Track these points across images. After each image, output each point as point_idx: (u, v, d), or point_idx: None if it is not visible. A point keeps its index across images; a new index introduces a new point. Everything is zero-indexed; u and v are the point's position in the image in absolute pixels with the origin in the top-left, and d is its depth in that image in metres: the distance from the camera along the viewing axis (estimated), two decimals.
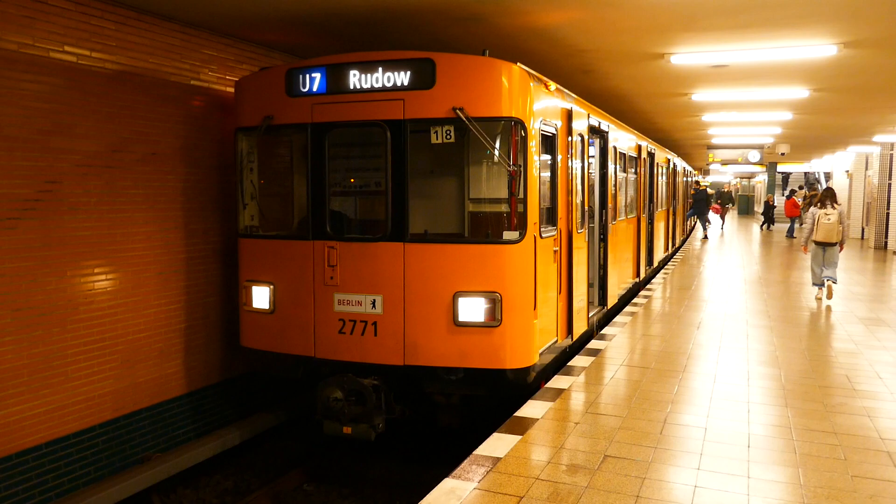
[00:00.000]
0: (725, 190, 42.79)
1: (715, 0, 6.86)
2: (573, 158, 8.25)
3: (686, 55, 9.34)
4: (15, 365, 6.07)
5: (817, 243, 12.83)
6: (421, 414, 7.69)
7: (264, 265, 7.41)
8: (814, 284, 13.21)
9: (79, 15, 6.57)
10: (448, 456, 8.06)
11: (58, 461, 6.49)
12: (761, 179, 46.35)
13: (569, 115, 8.09)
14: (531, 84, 6.78)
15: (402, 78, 6.72)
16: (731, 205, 53.91)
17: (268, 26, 8.03)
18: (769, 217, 33.94)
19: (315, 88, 7.04)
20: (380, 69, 6.78)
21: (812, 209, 13.09)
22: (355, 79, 6.87)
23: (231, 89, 8.43)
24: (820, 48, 8.77)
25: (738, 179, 60.79)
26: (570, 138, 8.11)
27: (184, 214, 7.91)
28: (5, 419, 6.02)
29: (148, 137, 7.43)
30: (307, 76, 7.06)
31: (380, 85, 6.80)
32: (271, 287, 7.32)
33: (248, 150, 7.66)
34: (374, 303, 6.88)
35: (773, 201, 35.12)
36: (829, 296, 12.66)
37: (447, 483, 4.82)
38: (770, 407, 6.65)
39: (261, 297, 7.39)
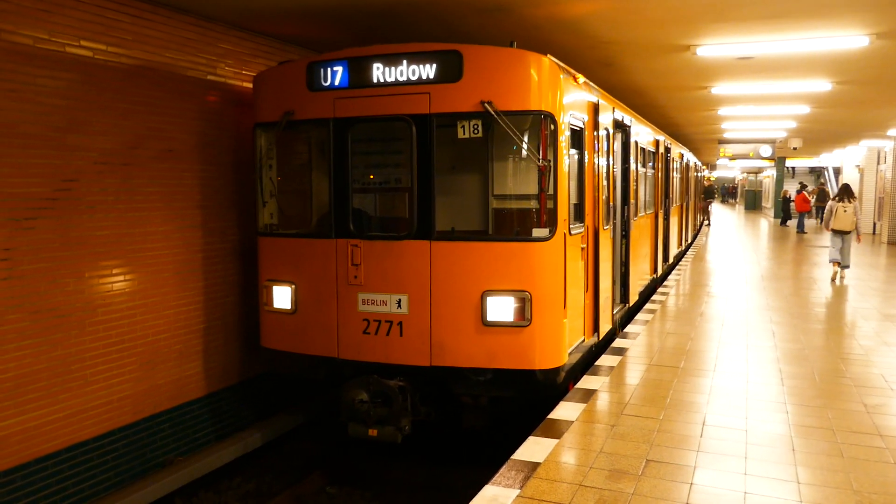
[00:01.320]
0: (706, 184, 42.32)
1: None
2: (599, 153, 8.07)
3: (712, 47, 9.13)
4: (35, 369, 5.91)
5: (835, 231, 14.73)
6: (446, 415, 7.52)
7: (285, 264, 7.23)
8: (830, 260, 14.88)
9: (94, 8, 6.39)
10: (473, 457, 7.90)
11: (78, 466, 6.32)
12: (769, 174, 45.99)
13: (595, 109, 7.90)
14: (561, 77, 6.59)
15: (428, 71, 6.53)
16: (711, 200, 53.77)
17: (285, 19, 7.84)
18: (787, 212, 33.36)
19: (337, 82, 6.85)
20: (404, 62, 6.59)
21: (830, 202, 15.16)
22: (379, 72, 6.68)
23: (248, 84, 8.25)
24: (850, 39, 8.56)
25: (745, 174, 60.45)
26: (596, 133, 7.92)
27: (201, 213, 7.73)
28: (25, 424, 5.85)
29: (164, 134, 7.25)
30: (329, 70, 6.87)
31: (404, 78, 6.61)
32: (293, 287, 7.14)
33: (268, 146, 7.47)
34: (399, 302, 6.70)
35: (790, 194, 34.54)
36: (842, 279, 14.69)
37: (488, 490, 4.63)
38: (808, 408, 6.45)
39: (282, 296, 7.21)
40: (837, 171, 40.73)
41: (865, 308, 11.70)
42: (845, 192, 15.05)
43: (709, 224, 34.62)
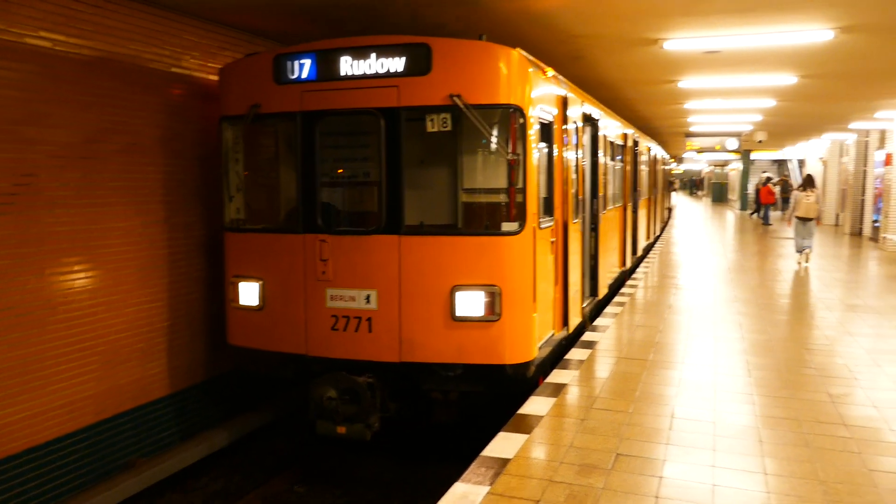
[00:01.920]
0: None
1: None
2: (568, 147, 8.06)
3: (680, 41, 9.17)
4: None
5: (799, 218, 15.98)
6: (416, 411, 7.47)
7: (252, 260, 7.12)
8: (797, 251, 16.10)
9: None
10: (442, 453, 7.87)
11: (39, 469, 6.15)
12: (735, 167, 46.64)
13: (564, 103, 7.89)
14: (530, 70, 6.55)
15: (397, 64, 6.45)
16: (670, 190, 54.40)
17: (251, 11, 7.70)
18: (760, 203, 32.96)
19: (305, 75, 6.74)
20: (373, 55, 6.50)
21: (795, 192, 16.58)
22: (347, 65, 6.59)
23: (214, 77, 8.09)
24: (816, 33, 8.65)
25: (712, 167, 61.19)
26: (565, 126, 7.91)
27: (165, 208, 7.58)
28: None
29: (127, 127, 7.08)
30: (296, 62, 6.75)
31: (373, 71, 6.52)
32: (260, 282, 7.03)
33: (234, 139, 7.34)
34: (368, 298, 6.63)
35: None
36: (808, 260, 16.01)
37: (459, 487, 4.60)
38: (775, 398, 6.53)
39: (249, 293, 7.10)
40: (801, 164, 41.36)
41: (829, 298, 11.88)
42: (808, 183, 16.44)
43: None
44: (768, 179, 33.37)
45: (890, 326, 9.68)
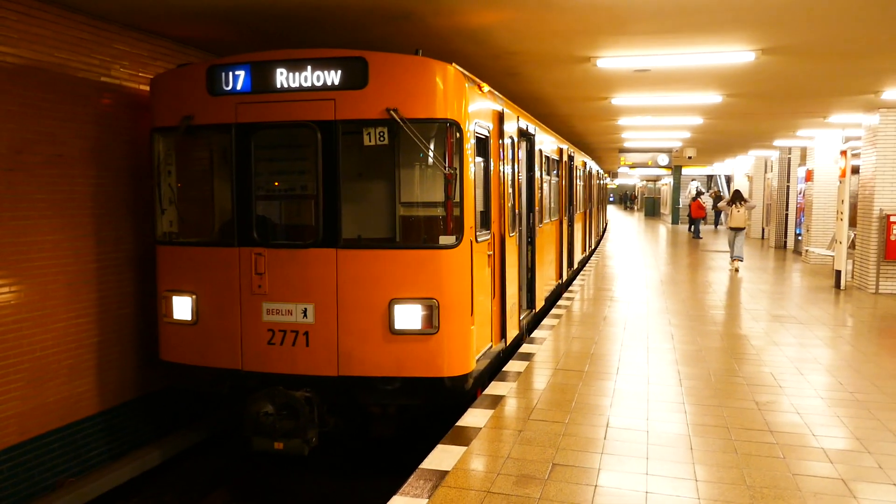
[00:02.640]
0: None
1: (645, 5, 6.90)
2: (505, 161, 8.17)
3: (611, 59, 9.42)
4: None
5: (731, 229, 18.26)
6: (354, 425, 7.41)
7: (185, 274, 6.97)
8: (731, 259, 18.20)
9: None
10: (381, 466, 7.82)
11: None
12: (667, 182, 47.97)
13: (500, 118, 8.00)
14: (466, 85, 6.64)
15: (333, 77, 6.45)
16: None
17: (183, 21, 7.59)
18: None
19: (239, 87, 6.67)
20: (309, 67, 6.49)
21: (725, 206, 18.86)
22: (283, 77, 6.55)
23: (145, 87, 7.93)
24: (739, 54, 9.01)
25: (644, 182, 62.75)
26: (501, 141, 8.02)
27: (94, 221, 7.37)
28: None
29: (54, 138, 6.88)
30: (230, 74, 6.68)
31: (309, 84, 6.50)
32: (193, 297, 6.89)
33: (166, 151, 7.20)
34: (305, 311, 6.58)
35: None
36: (738, 270, 17.97)
37: (397, 501, 4.59)
38: (705, 407, 6.72)
39: (182, 307, 6.95)
40: (729, 179, 42.79)
41: (756, 309, 12.31)
42: (737, 197, 18.50)
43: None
44: (699, 193, 34.35)
45: (812, 336, 10.08)
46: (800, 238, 22.75)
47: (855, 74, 10.65)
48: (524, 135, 9.78)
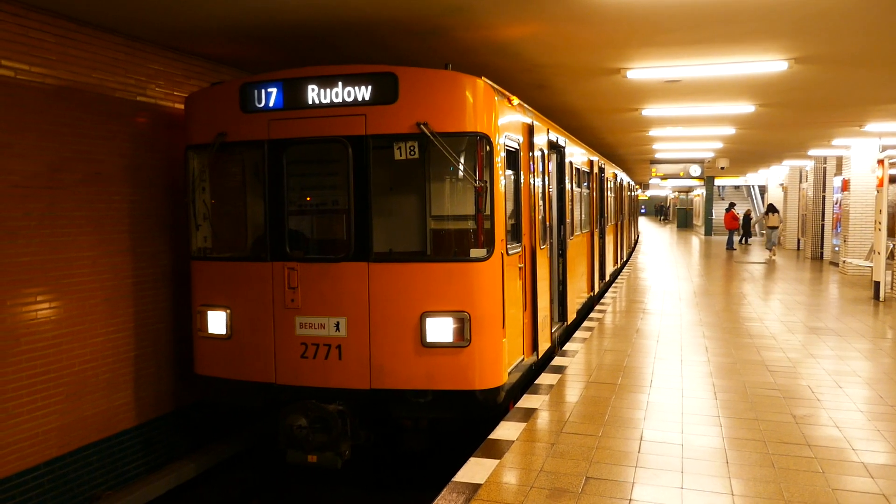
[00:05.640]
0: None
1: (676, 15, 6.86)
2: (535, 174, 8.17)
3: (641, 70, 9.39)
4: None
5: (769, 227, 27.27)
6: (386, 438, 7.43)
7: (220, 288, 7.07)
8: (766, 248, 26.34)
9: (16, 27, 6.18)
10: (413, 479, 7.82)
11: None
12: (699, 193, 47.51)
13: (530, 131, 8.01)
14: (496, 98, 6.66)
15: (364, 92, 6.52)
16: None
17: (216, 40, 7.73)
18: (748, 230, 34.76)
19: (271, 104, 6.78)
20: (340, 83, 6.57)
21: (762, 215, 25.17)
22: (314, 93, 6.64)
23: (179, 105, 8.09)
24: (771, 64, 8.91)
25: (677, 193, 62.21)
26: (531, 153, 8.03)
27: (131, 237, 7.52)
28: None
29: (91, 156, 7.03)
30: (263, 91, 6.79)
31: (340, 100, 6.58)
32: (228, 311, 6.98)
33: (200, 168, 7.32)
34: (337, 325, 6.62)
35: (752, 214, 36.61)
36: (774, 254, 25.92)
37: None
38: (741, 420, 6.62)
39: (217, 322, 7.05)
40: (763, 190, 42.30)
41: (792, 321, 12.11)
42: (770, 210, 26.77)
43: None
44: (731, 206, 34.01)
45: (851, 348, 9.89)
46: (836, 249, 22.35)
47: (893, 82, 10.47)
48: (554, 147, 9.77)
